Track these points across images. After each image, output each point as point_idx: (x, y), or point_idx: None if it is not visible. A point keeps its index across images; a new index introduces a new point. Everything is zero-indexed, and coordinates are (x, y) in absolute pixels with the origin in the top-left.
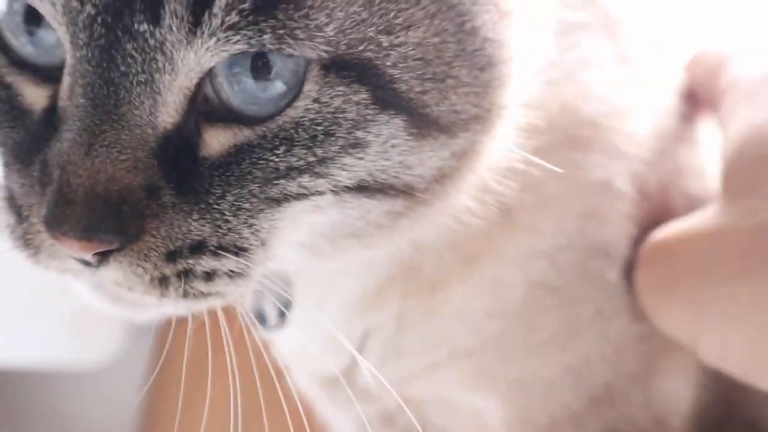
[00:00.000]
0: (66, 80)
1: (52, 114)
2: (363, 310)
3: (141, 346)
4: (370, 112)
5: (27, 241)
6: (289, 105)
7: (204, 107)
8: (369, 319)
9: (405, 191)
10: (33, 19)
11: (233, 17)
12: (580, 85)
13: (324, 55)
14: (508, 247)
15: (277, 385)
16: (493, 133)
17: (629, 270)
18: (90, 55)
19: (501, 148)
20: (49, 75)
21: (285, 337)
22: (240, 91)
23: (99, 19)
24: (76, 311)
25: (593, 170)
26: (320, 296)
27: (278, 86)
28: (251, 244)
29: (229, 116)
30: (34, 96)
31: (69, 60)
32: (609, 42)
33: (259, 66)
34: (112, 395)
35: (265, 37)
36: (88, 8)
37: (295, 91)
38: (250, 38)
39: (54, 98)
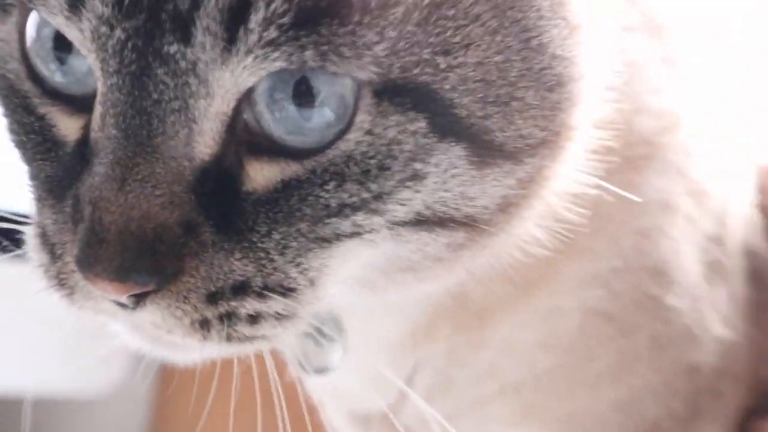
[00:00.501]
0: (98, 110)
1: (84, 146)
2: (411, 345)
3: (145, 373)
4: (428, 141)
5: (61, 281)
6: (339, 137)
7: (245, 137)
8: (417, 355)
9: (466, 223)
10: (62, 45)
11: (272, 32)
12: (634, 97)
13: (374, 77)
14: (565, 274)
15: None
16: (562, 156)
17: None
18: (121, 82)
19: (570, 172)
20: (84, 105)
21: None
22: (282, 119)
23: (129, 44)
24: (80, 338)
25: (648, 190)
26: (366, 332)
27: (324, 114)
28: (299, 284)
29: (273, 148)
30: (68, 127)
31: (100, 88)
32: (654, 43)
33: (302, 91)
34: (117, 423)
35: (307, 53)
36: (118, 33)
37: (344, 122)
38: (291, 54)
39: (87, 129)
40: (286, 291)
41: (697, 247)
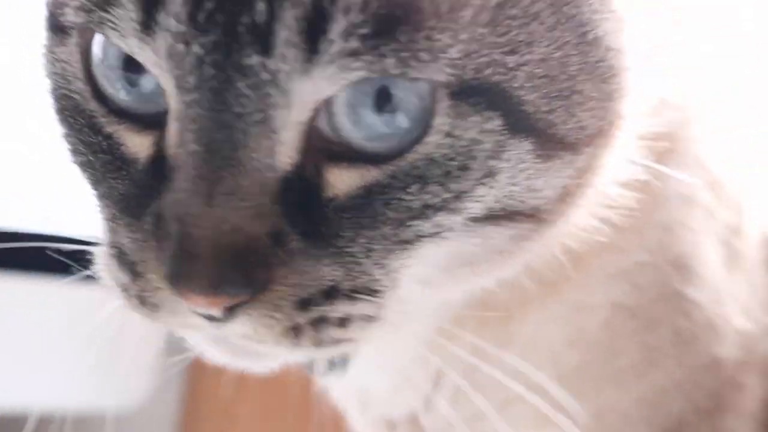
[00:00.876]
0: (173, 126)
1: (158, 163)
2: (437, 345)
3: (169, 389)
4: (503, 138)
5: (143, 300)
6: (417, 141)
7: (320, 144)
8: (443, 354)
9: (531, 215)
10: (132, 66)
11: (353, 43)
12: (660, 87)
13: (451, 79)
14: (592, 269)
15: None
16: (612, 145)
17: None
18: (201, 98)
19: (620, 159)
20: (150, 121)
21: (345, 380)
22: (361, 126)
23: (207, 59)
24: (105, 354)
25: (671, 183)
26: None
27: (402, 120)
28: (384, 286)
29: (351, 155)
30: (137, 144)
31: (174, 105)
32: (674, 30)
33: (381, 97)
34: None
35: (388, 61)
36: (195, 49)
37: (421, 125)
38: (372, 63)
39: (158, 146)
40: (373, 292)
41: (717, 239)
